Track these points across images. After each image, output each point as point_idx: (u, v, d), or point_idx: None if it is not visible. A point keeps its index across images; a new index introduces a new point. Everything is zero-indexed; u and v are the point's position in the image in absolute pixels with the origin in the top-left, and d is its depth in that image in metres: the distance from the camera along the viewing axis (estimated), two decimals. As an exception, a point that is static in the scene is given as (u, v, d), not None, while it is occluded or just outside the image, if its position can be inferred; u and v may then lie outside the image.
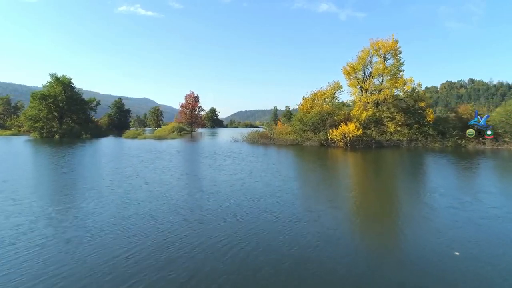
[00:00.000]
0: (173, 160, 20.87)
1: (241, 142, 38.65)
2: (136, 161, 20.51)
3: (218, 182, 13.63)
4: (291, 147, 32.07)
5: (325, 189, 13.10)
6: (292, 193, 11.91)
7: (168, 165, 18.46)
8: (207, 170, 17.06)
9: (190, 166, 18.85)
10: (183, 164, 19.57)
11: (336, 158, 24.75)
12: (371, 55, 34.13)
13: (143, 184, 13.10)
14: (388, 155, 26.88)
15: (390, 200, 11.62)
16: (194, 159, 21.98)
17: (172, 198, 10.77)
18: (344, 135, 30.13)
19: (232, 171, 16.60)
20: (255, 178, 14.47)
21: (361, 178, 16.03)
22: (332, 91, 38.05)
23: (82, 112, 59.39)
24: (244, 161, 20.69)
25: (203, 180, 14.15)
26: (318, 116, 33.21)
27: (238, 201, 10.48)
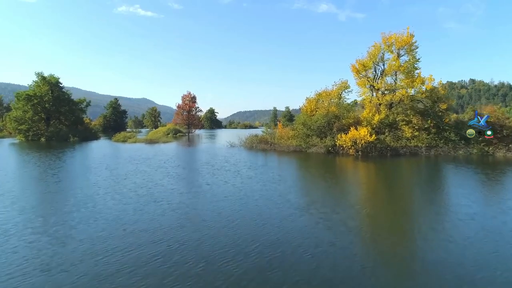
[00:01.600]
0: (150, 175, 16.82)
1: (238, 147, 34.62)
2: (106, 175, 16.45)
3: (196, 217, 9.56)
4: (294, 154, 28.03)
5: (340, 221, 9.02)
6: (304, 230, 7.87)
7: (141, 184, 14.39)
8: (188, 193, 13.00)
9: (168, 185, 14.83)
10: (160, 181, 15.53)
11: (347, 170, 20.71)
12: (383, 51, 30.11)
13: (86, 217, 9.01)
14: (407, 166, 22.86)
15: (411, 225, 9.35)
16: (178, 174, 17.94)
17: (116, 255, 6.65)
18: (354, 141, 26.10)
19: (221, 194, 12.55)
20: (249, 211, 10.41)
21: (379, 201, 12.01)
22: (338, 91, 34.03)
23: (71, 113, 55.32)
24: (239, 176, 16.65)
25: (174, 212, 10.09)
26: (324, 119, 29.20)
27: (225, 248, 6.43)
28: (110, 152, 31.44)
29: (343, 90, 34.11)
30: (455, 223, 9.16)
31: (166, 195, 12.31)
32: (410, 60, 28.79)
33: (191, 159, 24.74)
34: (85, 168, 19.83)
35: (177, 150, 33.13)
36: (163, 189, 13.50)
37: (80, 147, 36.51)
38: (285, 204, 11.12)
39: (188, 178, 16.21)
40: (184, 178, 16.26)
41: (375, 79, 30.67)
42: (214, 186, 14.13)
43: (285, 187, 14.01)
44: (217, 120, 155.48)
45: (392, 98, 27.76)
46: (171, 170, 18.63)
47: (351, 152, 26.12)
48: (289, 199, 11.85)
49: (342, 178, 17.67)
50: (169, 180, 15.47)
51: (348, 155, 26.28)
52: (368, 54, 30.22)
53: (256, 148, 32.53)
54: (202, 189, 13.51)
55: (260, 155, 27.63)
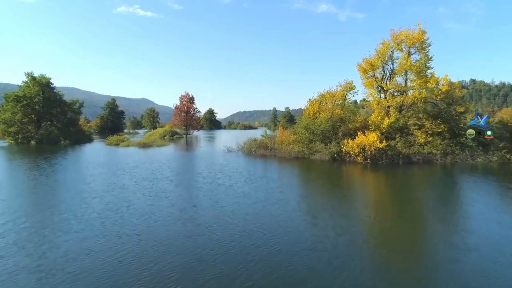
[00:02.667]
0: (128, 193, 14.21)
1: (236, 153, 32.03)
2: (76, 191, 13.83)
3: (160, 264, 6.94)
4: (296, 161, 25.42)
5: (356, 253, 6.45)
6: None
7: (111, 207, 11.77)
8: (164, 221, 10.38)
9: (143, 207, 12.24)
10: (135, 203, 12.94)
11: (357, 183, 18.10)
12: (392, 49, 27.49)
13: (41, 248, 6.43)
14: (422, 176, 20.29)
15: (424, 250, 8.28)
16: (161, 191, 15.35)
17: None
18: (363, 147, 23.49)
19: (206, 221, 9.93)
20: (239, 252, 7.77)
21: (393, 222, 9.42)
22: (343, 92, 31.40)
23: (63, 115, 52.70)
24: (232, 193, 14.05)
25: (133, 259, 7.47)
26: (328, 122, 26.59)
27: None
28: (98, 158, 28.85)
29: (348, 91, 31.48)
30: (472, 249, 8.14)
31: (133, 227, 9.65)
32: (422, 59, 26.18)
33: (182, 169, 22.15)
34: (58, 182, 17.23)
35: (169, 156, 30.53)
36: (133, 215, 10.86)
37: (69, 152, 33.92)
38: (288, 240, 8.51)
39: (172, 197, 13.60)
40: (167, 196, 13.62)
41: (384, 80, 28.08)
42: (200, 210, 11.53)
43: (288, 212, 11.40)
44: (217, 120, 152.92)
45: (404, 100, 25.10)
46: (156, 184, 16.01)
47: (359, 160, 23.50)
48: (293, 229, 9.24)
49: (353, 196, 15.04)
50: (146, 201, 12.83)
51: (356, 163, 23.66)
52: (376, 53, 27.63)
53: (255, 153, 29.93)
54: (183, 215, 10.87)
55: (259, 163, 25.03)
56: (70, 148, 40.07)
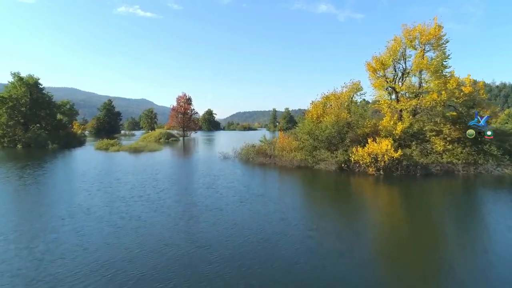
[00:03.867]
0: (89, 222, 11.22)
1: (232, 160, 29.06)
2: (26, 218, 10.87)
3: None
4: (298, 171, 22.43)
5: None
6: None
7: (60, 243, 8.81)
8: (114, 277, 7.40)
9: (98, 243, 9.28)
10: (95, 235, 9.97)
11: (368, 198, 15.12)
12: (404, 46, 24.51)
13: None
14: (443, 190, 17.35)
15: None
16: (131, 217, 12.38)
17: None
18: (375, 157, 20.51)
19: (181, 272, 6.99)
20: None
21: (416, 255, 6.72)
22: (349, 94, 28.42)
23: (52, 117, 49.69)
24: (222, 219, 11.07)
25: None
26: (334, 127, 23.62)
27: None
28: (81, 166, 25.87)
29: (355, 93, 28.52)
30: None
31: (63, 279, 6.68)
32: (438, 57, 23.20)
33: (168, 183, 19.15)
34: (11, 207, 14.23)
35: (159, 164, 27.54)
36: (77, 261, 7.88)
37: (53, 158, 30.92)
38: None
39: (141, 228, 10.59)
40: (134, 228, 10.60)
41: (395, 80, 25.10)
42: (174, 247, 8.56)
43: (292, 250, 8.40)
44: (216, 121, 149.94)
45: (420, 103, 22.06)
46: (130, 206, 12.99)
47: (370, 171, 20.50)
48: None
49: (367, 218, 12.04)
50: (108, 233, 9.82)
51: (367, 174, 20.67)
52: (387, 50, 24.63)
53: (253, 161, 26.94)
54: (150, 257, 7.89)
55: (257, 173, 22.04)
56: (57, 153, 37.10)
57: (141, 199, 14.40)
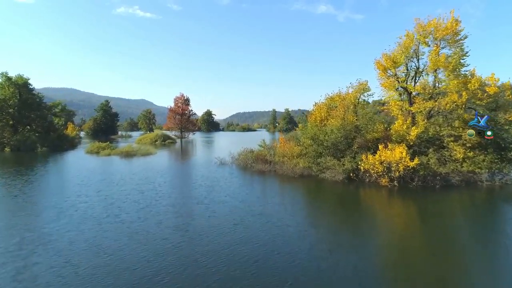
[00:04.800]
0: (41, 250, 8.82)
1: (230, 166, 26.66)
2: None
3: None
4: (301, 181, 20.02)
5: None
6: None
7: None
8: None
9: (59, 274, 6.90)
10: (45, 270, 7.57)
11: (382, 217, 12.66)
12: (417, 42, 22.09)
13: None
14: (466, 205, 14.93)
15: None
16: (100, 247, 9.98)
17: None
18: (388, 165, 18.08)
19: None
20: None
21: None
22: (356, 95, 26.01)
23: (43, 119, 47.28)
24: (211, 251, 8.67)
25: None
26: (341, 132, 21.20)
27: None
28: (62, 174, 23.49)
29: (362, 93, 26.11)
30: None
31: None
32: (455, 54, 20.77)
33: (154, 195, 16.73)
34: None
35: (149, 171, 25.13)
36: None
37: (39, 163, 28.52)
38: None
39: (106, 266, 8.20)
40: (97, 266, 8.20)
41: (407, 80, 22.68)
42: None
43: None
44: (215, 122, 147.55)
45: (438, 105, 19.59)
46: (100, 231, 10.57)
47: (383, 182, 18.05)
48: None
49: (388, 246, 9.59)
50: (58, 271, 7.42)
51: (379, 185, 18.23)
52: (399, 47, 22.18)
53: (252, 168, 24.52)
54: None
55: (255, 183, 19.62)
56: (45, 157, 34.71)
57: (116, 220, 11.97)
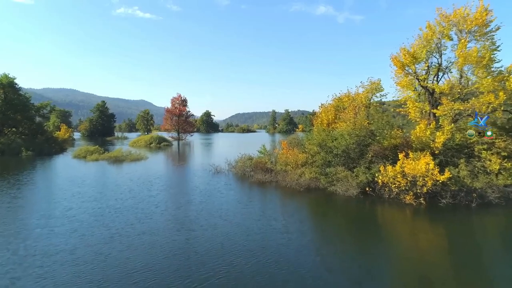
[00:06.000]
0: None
1: (226, 174, 23.61)
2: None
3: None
4: (307, 196, 16.95)
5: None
6: None
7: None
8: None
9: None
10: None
11: (413, 250, 9.52)
12: (441, 35, 19.02)
13: None
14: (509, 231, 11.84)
15: None
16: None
17: None
18: (413, 179, 14.99)
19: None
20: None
21: None
22: (367, 95, 22.98)
23: (30, 120, 44.17)
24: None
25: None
26: (354, 138, 18.13)
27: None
28: (38, 184, 20.41)
29: (374, 94, 23.08)
30: None
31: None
32: (484, 48, 17.72)
33: (131, 217, 13.66)
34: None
35: (135, 182, 22.08)
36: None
37: (18, 169, 25.42)
38: None
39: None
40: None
41: (427, 78, 19.62)
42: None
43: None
44: (214, 123, 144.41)
45: (473, 107, 16.44)
46: (51, 273, 7.53)
47: (407, 200, 14.96)
48: None
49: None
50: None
51: (401, 203, 15.15)
52: (419, 40, 19.15)
53: (250, 178, 21.45)
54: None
55: (254, 199, 16.52)
56: (27, 162, 31.66)
57: (73, 258, 8.88)
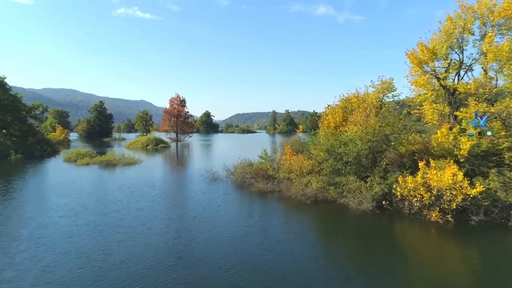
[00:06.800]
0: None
1: (224, 182, 21.51)
2: None
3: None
4: (315, 210, 14.84)
5: None
6: None
7: None
8: None
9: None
10: None
11: (441, 276, 7.39)
12: (462, 29, 16.90)
13: None
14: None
15: None
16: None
17: None
18: (438, 193, 12.87)
19: None
20: None
21: None
22: (378, 95, 20.87)
23: (21, 121, 42.05)
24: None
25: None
26: (366, 144, 16.00)
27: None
28: (14, 196, 18.30)
29: (386, 94, 20.97)
30: None
31: None
32: (510, 43, 15.59)
33: (106, 238, 11.57)
34: None
35: (123, 192, 19.98)
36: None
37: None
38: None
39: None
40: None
41: (447, 76, 17.49)
42: None
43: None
44: (214, 123, 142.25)
45: (508, 109, 14.29)
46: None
47: (433, 217, 12.83)
48: None
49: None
50: None
51: (424, 220, 13.03)
52: (439, 33, 17.03)
53: (250, 186, 19.33)
54: None
55: (255, 211, 14.38)
56: (14, 166, 29.59)
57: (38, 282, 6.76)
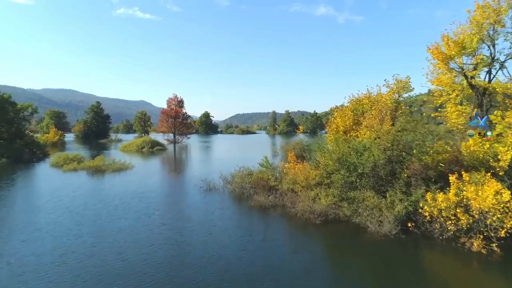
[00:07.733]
0: None
1: (220, 192, 19.06)
2: None
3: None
4: (326, 231, 12.41)
5: None
6: None
7: None
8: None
9: None
10: None
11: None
12: (495, 18, 14.48)
13: None
14: None
15: None
16: None
17: None
18: (480, 216, 10.43)
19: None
20: None
21: None
22: (391, 96, 18.46)
23: (8, 123, 39.56)
24: None
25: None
26: (385, 153, 13.55)
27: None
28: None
29: (401, 94, 18.56)
30: None
31: None
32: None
33: (69, 268, 9.15)
34: None
35: (107, 205, 17.53)
36: None
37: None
38: None
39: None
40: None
41: (475, 74, 15.07)
42: None
43: None
44: (213, 124, 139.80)
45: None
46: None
47: (475, 246, 10.38)
48: None
49: None
50: None
51: (462, 249, 10.59)
52: (469, 25, 14.59)
53: (250, 199, 16.87)
54: None
55: (256, 233, 11.93)
56: (3, 171, 27.16)
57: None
